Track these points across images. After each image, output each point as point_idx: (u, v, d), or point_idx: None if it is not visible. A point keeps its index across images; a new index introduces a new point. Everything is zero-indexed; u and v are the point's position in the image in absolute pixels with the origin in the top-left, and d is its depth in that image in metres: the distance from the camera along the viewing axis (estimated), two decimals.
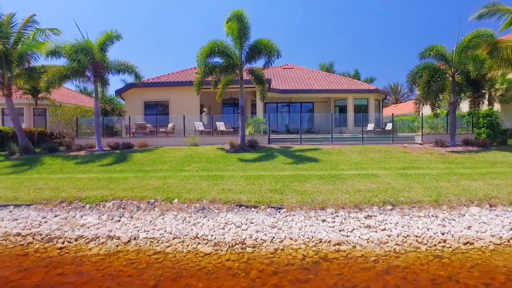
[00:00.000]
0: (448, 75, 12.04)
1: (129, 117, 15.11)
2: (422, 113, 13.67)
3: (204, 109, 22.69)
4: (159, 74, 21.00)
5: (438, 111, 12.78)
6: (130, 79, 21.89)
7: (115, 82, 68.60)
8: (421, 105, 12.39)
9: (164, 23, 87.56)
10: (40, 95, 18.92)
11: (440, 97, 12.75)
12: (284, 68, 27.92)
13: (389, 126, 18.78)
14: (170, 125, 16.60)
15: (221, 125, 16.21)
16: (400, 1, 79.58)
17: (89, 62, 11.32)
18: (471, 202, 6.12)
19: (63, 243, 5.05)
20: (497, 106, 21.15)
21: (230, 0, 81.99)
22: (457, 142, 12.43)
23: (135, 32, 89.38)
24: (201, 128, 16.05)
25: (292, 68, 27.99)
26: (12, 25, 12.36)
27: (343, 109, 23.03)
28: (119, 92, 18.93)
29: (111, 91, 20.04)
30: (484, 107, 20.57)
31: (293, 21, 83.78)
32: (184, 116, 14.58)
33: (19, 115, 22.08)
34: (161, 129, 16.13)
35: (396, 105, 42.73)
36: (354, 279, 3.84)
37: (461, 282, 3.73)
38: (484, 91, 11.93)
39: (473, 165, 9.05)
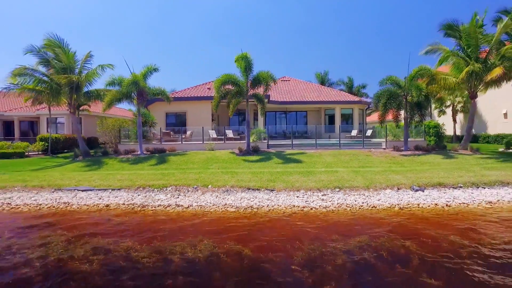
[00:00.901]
0: (402, 98, 16.08)
1: (160, 128, 19.26)
2: (386, 125, 17.76)
3: (213, 117, 26.82)
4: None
5: (399, 123, 16.83)
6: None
7: None
8: (383, 119, 16.47)
9: (166, 24, 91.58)
10: (81, 108, 23.14)
11: (401, 113, 16.84)
12: (282, 81, 31.96)
13: (368, 132, 22.87)
14: (188, 132, 20.79)
15: (229, 133, 20.34)
16: (397, 8, 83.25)
17: (136, 89, 15.48)
18: (388, 187, 10.18)
19: (151, 208, 9.14)
20: (460, 116, 25.27)
21: (231, 2, 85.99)
22: (410, 147, 16.47)
23: (139, 33, 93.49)
24: (214, 135, 20.20)
25: (288, 81, 32.08)
26: (75, 59, 16.54)
27: (332, 117, 27.14)
28: (145, 105, 23.09)
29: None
30: (448, 117, 24.62)
31: (295, 22, 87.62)
32: (202, 127, 18.70)
33: (60, 123, 26.41)
34: (182, 136, 20.29)
35: None
36: (307, 219, 7.88)
37: (358, 219, 7.78)
38: (425, 110, 15.91)
39: (408, 164, 13.11)
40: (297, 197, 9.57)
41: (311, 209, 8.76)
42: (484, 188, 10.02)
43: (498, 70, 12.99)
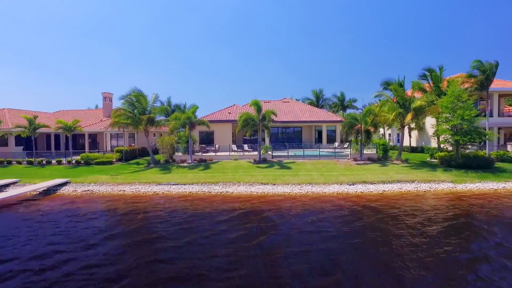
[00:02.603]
0: (358, 127, 24.97)
1: (200, 145, 28.42)
2: (350, 144, 26.67)
3: (232, 134, 35.82)
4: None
5: (357, 141, 25.71)
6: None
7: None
8: (347, 140, 25.39)
9: (170, 24, 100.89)
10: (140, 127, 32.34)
11: (359, 136, 25.73)
12: (283, 102, 40.98)
13: (346, 145, 31.67)
14: (216, 146, 29.92)
15: (246, 146, 29.46)
16: (399, 9, 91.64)
17: (188, 121, 24.63)
18: (335, 183, 19.12)
19: (214, 193, 18.21)
20: (414, 132, 33.97)
21: (236, 3, 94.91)
22: (365, 158, 25.33)
23: (143, 33, 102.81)
24: (235, 148, 29.27)
25: (288, 102, 41.04)
26: (147, 100, 25.74)
27: (320, 132, 36.04)
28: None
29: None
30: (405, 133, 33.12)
31: (299, 23, 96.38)
32: (229, 144, 27.83)
33: (119, 138, 35.64)
34: (212, 148, 29.45)
35: None
36: (290, 197, 16.87)
37: (314, 198, 16.74)
38: (372, 135, 24.82)
39: (356, 170, 21.99)
40: (287, 188, 18.58)
41: (293, 193, 17.74)
42: (386, 184, 18.92)
43: (409, 116, 21.93)
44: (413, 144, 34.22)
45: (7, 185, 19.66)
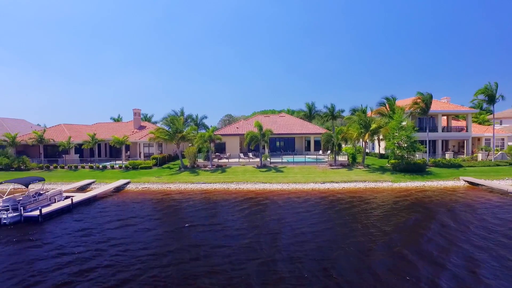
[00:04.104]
0: (333, 141, 34.10)
1: (216, 153, 37.71)
2: (328, 153, 35.86)
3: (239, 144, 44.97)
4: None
5: (333, 151, 34.86)
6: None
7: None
8: (325, 151, 34.55)
9: (172, 24, 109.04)
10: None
11: (336, 147, 34.90)
12: (280, 116, 50.22)
13: (328, 152, 40.83)
14: (227, 154, 39.23)
15: (250, 154, 38.74)
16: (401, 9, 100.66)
17: (209, 138, 33.84)
18: (312, 182, 28.32)
19: (231, 189, 27.43)
20: (383, 142, 43.08)
21: (238, 3, 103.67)
22: (338, 164, 34.47)
23: (146, 33, 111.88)
24: (242, 156, 38.55)
25: (284, 116, 50.27)
26: (179, 120, 34.96)
27: (309, 142, 45.25)
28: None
29: None
30: (375, 143, 42.47)
31: (301, 22, 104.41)
32: (239, 153, 37.08)
33: (150, 146, 44.73)
34: (224, 156, 38.75)
35: None
36: (281, 191, 26.07)
37: (297, 192, 25.92)
38: (341, 147, 33.95)
39: (329, 173, 31.17)
40: (279, 185, 27.75)
41: (283, 189, 26.92)
42: (347, 183, 28.08)
43: (367, 135, 31.06)
44: (382, 151, 43.40)
45: (89, 184, 28.94)
